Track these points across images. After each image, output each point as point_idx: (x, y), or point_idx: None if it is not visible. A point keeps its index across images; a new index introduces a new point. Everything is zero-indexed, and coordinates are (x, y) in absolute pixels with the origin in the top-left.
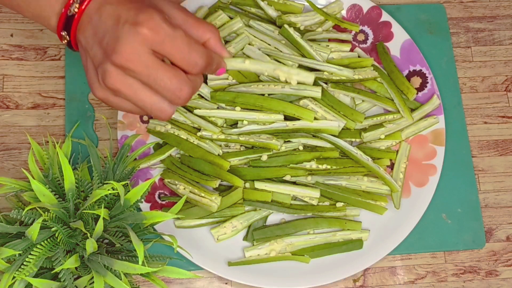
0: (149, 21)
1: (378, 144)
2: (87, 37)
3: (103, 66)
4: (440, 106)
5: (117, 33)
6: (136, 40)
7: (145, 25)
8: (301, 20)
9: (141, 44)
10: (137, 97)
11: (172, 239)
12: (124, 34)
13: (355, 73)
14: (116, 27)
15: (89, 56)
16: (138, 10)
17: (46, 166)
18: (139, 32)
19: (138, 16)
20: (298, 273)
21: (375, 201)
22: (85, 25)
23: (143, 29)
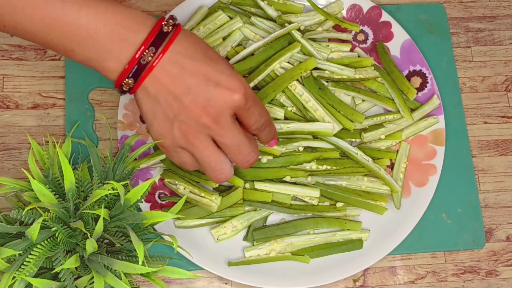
0: (241, 88)
1: (378, 144)
2: (160, 87)
3: (183, 120)
4: (440, 106)
5: (208, 94)
6: (227, 104)
7: (239, 92)
8: (301, 20)
9: (230, 108)
10: (205, 153)
11: (172, 239)
12: (216, 97)
13: (356, 73)
14: (206, 88)
15: (160, 104)
16: (229, 75)
17: (46, 166)
18: (232, 97)
19: (231, 81)
20: (298, 273)
21: (375, 201)
22: (158, 74)
23: (236, 96)
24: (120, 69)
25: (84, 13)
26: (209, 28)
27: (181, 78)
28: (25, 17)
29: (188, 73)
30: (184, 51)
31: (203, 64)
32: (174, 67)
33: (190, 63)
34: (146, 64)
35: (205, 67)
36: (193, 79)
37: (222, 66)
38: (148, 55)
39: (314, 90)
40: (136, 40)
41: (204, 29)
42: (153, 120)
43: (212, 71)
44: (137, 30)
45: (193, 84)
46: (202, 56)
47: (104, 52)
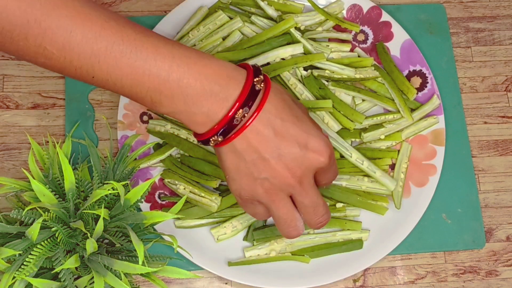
0: (327, 150)
1: (378, 144)
2: (248, 146)
3: (267, 178)
4: (440, 106)
5: (296, 156)
6: (313, 165)
7: (326, 154)
8: (301, 20)
9: (314, 169)
10: (283, 210)
11: (172, 239)
12: (304, 159)
13: (356, 72)
14: (295, 150)
15: (245, 162)
16: (315, 136)
17: (46, 166)
18: (319, 160)
19: (317, 143)
20: (298, 273)
21: (375, 202)
22: (248, 133)
23: (323, 158)
24: (209, 125)
25: (176, 66)
26: (209, 28)
27: (270, 140)
28: (116, 70)
29: (278, 135)
30: (274, 111)
31: (292, 125)
32: (265, 128)
33: (279, 124)
34: (238, 123)
35: (294, 128)
36: (283, 141)
37: (308, 126)
38: (241, 114)
39: (315, 89)
40: (228, 96)
41: (204, 29)
42: (236, 174)
43: (300, 132)
44: (227, 85)
45: (282, 146)
46: (290, 116)
47: (194, 107)
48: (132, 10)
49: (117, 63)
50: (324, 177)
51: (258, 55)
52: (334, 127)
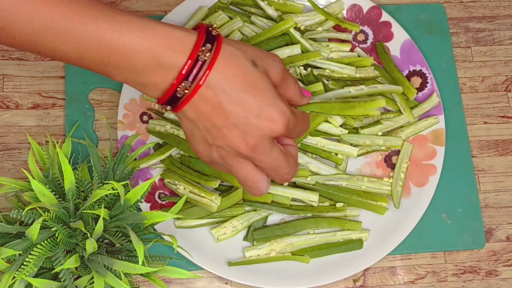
0: (282, 119)
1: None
2: (199, 114)
3: (221, 146)
4: (440, 106)
5: (247, 125)
6: (266, 134)
7: (279, 123)
8: (302, 20)
9: (269, 137)
10: (242, 173)
11: (172, 239)
12: (255, 129)
13: (356, 72)
14: (246, 119)
15: (199, 128)
16: (270, 105)
17: (46, 166)
18: (272, 129)
19: (271, 112)
20: (298, 273)
21: (375, 202)
22: (197, 102)
23: (277, 127)
24: (158, 93)
25: (116, 39)
26: None
27: (219, 108)
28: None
29: (227, 104)
30: (223, 80)
31: (242, 93)
32: (213, 96)
33: (229, 92)
34: (183, 95)
35: (245, 97)
36: (233, 110)
37: (263, 94)
38: (184, 88)
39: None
40: (173, 68)
41: None
42: (191, 139)
43: (252, 101)
44: (173, 56)
45: (232, 114)
46: (242, 83)
47: (142, 78)
48: (132, 10)
49: (59, 39)
50: (290, 136)
51: None
52: (337, 120)
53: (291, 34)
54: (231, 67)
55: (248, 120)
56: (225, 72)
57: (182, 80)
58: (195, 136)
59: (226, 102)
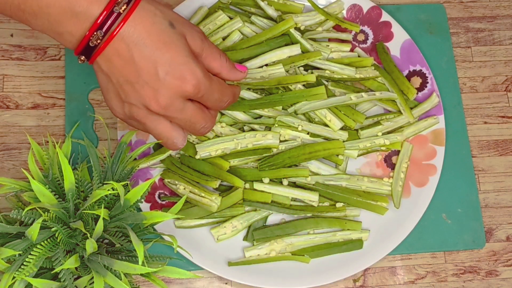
0: (192, 79)
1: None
2: (112, 67)
3: (134, 104)
4: (440, 106)
5: (157, 83)
6: (177, 93)
7: (188, 83)
8: (302, 20)
9: (180, 96)
10: (156, 130)
11: (172, 239)
12: (165, 87)
13: (356, 72)
14: (156, 76)
15: (113, 83)
16: (180, 64)
17: (46, 166)
18: (182, 88)
19: (181, 71)
20: (298, 273)
21: (375, 202)
22: (110, 55)
23: (186, 87)
24: (74, 42)
25: None
26: (209, 28)
27: (131, 63)
28: None
29: (139, 59)
30: (136, 35)
31: (155, 51)
32: (126, 51)
33: (141, 48)
34: (96, 45)
35: (157, 54)
36: (144, 66)
37: (175, 52)
38: (96, 37)
39: None
40: (89, 17)
41: (204, 29)
42: (106, 93)
43: (163, 58)
44: (90, 5)
45: (143, 71)
46: (155, 41)
47: (58, 26)
48: None
49: None
50: (205, 103)
51: (256, 57)
52: (336, 124)
53: (291, 34)
54: (146, 24)
55: (158, 77)
56: (140, 27)
57: (96, 30)
58: (109, 91)
59: (138, 58)
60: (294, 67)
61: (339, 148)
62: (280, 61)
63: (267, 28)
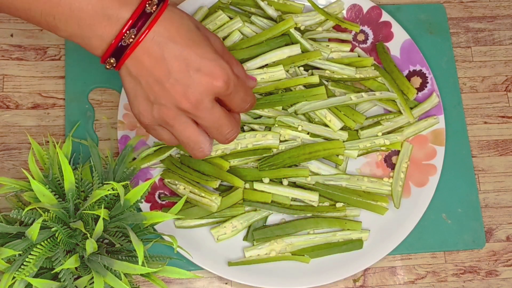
0: (222, 74)
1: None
2: (141, 68)
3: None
4: (440, 106)
5: (188, 80)
6: (207, 90)
7: (220, 79)
8: (302, 20)
9: (211, 93)
10: (184, 134)
11: (172, 239)
12: (196, 83)
13: (356, 72)
14: (187, 73)
15: (141, 85)
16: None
17: (46, 166)
18: (213, 84)
19: (212, 67)
20: (298, 273)
21: (375, 202)
22: (140, 56)
23: (217, 82)
24: (103, 47)
25: None
26: (209, 28)
27: (162, 62)
28: None
29: (170, 57)
30: (167, 34)
31: (185, 48)
32: (156, 49)
33: (171, 46)
34: (128, 45)
35: (187, 51)
36: (174, 64)
37: (204, 50)
38: (129, 36)
39: None
40: (120, 19)
41: None
42: (134, 99)
43: (193, 55)
44: (121, 8)
45: (174, 68)
46: (185, 39)
47: (88, 30)
48: None
49: None
50: (230, 103)
51: (256, 57)
52: (336, 124)
53: (291, 34)
54: (175, 24)
55: (189, 74)
56: (169, 27)
57: (129, 28)
58: (137, 96)
59: (169, 56)
60: (294, 67)
61: (339, 148)
62: (280, 62)
63: (267, 28)
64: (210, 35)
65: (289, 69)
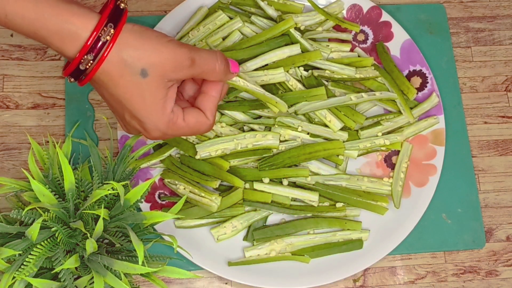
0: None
1: (377, 141)
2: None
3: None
4: (440, 106)
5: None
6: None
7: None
8: (302, 20)
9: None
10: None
11: (172, 239)
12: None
13: (356, 72)
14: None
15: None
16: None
17: (46, 166)
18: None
19: (143, 124)
20: (298, 273)
21: (375, 202)
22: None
23: (149, 136)
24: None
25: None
26: (209, 28)
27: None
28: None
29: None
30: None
31: (124, 97)
32: (101, 89)
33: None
34: (86, 68)
35: (125, 102)
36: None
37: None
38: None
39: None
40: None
41: (204, 29)
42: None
43: (129, 108)
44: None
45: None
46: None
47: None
48: (132, 10)
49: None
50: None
51: (256, 57)
52: (336, 125)
53: (291, 34)
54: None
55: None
56: (112, 73)
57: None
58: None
59: (109, 99)
60: (294, 68)
61: (339, 148)
62: (280, 62)
63: (267, 28)
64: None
65: (290, 70)
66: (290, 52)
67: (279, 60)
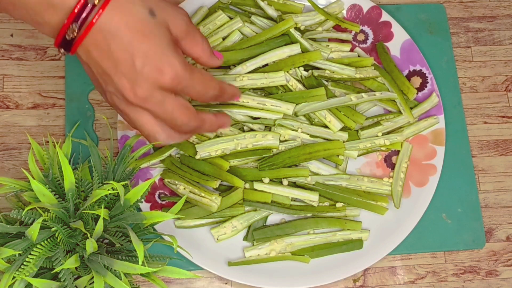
0: (170, 71)
1: (377, 141)
2: (90, 58)
3: (115, 93)
4: (440, 106)
5: (134, 75)
6: (155, 85)
7: (166, 75)
8: (301, 20)
9: (158, 88)
10: (138, 122)
11: (172, 239)
12: (143, 79)
13: (356, 72)
14: (133, 68)
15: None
16: (159, 54)
17: (46, 166)
18: (159, 80)
19: (158, 63)
20: (298, 273)
21: (375, 202)
22: (88, 46)
23: (164, 79)
24: (54, 34)
25: None
26: (209, 28)
27: (109, 55)
28: None
29: (116, 50)
30: (114, 25)
31: (132, 42)
32: (103, 42)
33: (118, 39)
34: (73, 37)
35: (134, 45)
36: (121, 57)
37: (153, 43)
38: (72, 30)
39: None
40: (64, 8)
41: (204, 29)
42: (93, 82)
43: (140, 50)
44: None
45: (120, 62)
46: (133, 31)
47: (37, 17)
48: None
49: None
50: (188, 93)
51: (256, 56)
52: (336, 125)
53: (291, 34)
54: (123, 13)
55: (135, 69)
56: (117, 18)
57: (72, 21)
58: (94, 80)
59: (116, 49)
60: (294, 68)
61: (339, 148)
62: (280, 62)
63: (267, 28)
64: (171, 14)
65: (290, 70)
66: (290, 52)
67: (279, 60)
